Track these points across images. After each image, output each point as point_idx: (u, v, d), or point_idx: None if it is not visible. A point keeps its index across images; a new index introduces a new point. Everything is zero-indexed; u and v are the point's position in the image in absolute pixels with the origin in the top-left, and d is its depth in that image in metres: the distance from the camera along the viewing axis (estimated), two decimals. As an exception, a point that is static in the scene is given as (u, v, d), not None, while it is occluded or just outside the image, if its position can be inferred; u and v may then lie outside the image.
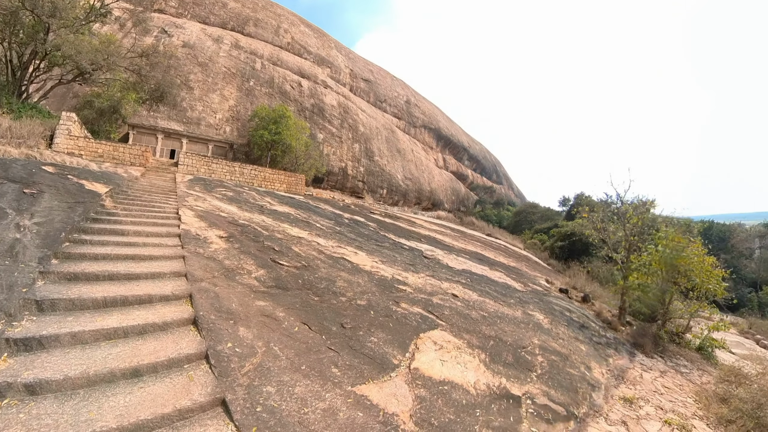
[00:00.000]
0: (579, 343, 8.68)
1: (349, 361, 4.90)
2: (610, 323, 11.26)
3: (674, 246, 10.44)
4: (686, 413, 6.73)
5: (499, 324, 7.85)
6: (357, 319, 6.08)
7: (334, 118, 35.58)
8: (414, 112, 53.50)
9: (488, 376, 5.66)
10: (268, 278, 6.63)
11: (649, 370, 8.57)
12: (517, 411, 5.15)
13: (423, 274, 9.66)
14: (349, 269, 8.31)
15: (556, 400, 5.77)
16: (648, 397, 7.05)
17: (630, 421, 6.01)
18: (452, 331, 6.67)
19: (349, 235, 11.86)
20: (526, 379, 6.01)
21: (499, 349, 6.66)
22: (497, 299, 9.59)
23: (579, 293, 14.53)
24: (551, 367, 6.78)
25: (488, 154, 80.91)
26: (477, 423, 4.54)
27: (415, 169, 46.24)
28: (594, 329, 10.22)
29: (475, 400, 4.97)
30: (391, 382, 4.75)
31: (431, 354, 5.69)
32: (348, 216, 16.15)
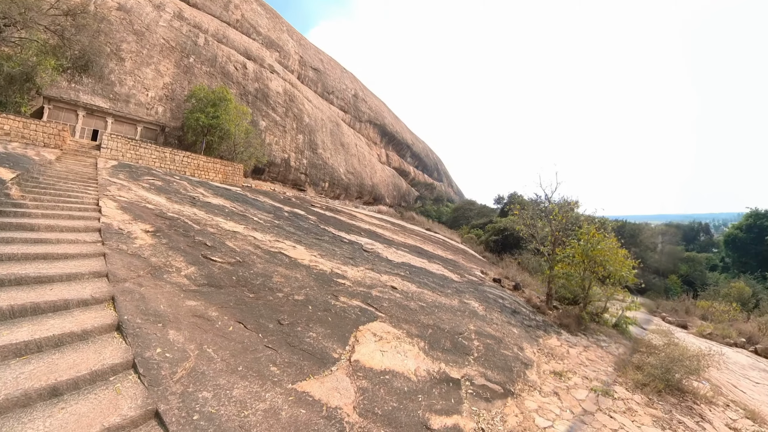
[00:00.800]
0: (512, 326, 9.21)
1: (288, 358, 4.78)
2: (539, 308, 12.13)
3: (593, 240, 11.72)
4: (608, 380, 7.56)
5: (437, 313, 8.08)
6: (295, 314, 5.93)
7: (278, 106, 33.69)
8: (361, 107, 52.98)
9: (428, 363, 5.82)
10: (199, 276, 6.24)
11: (575, 346, 9.36)
12: (457, 393, 5.36)
13: (362, 268, 9.66)
14: (286, 264, 8.07)
15: (493, 379, 6.11)
16: (575, 370, 7.74)
17: (561, 391, 6.57)
18: (392, 322, 6.75)
19: (288, 229, 11.52)
20: (464, 363, 6.27)
21: (437, 337, 6.86)
22: (435, 290, 9.86)
23: (511, 282, 15.43)
24: (487, 350, 7.13)
25: (430, 153, 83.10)
26: (420, 408, 4.67)
27: (358, 163, 45.91)
28: (525, 314, 10.90)
29: (416, 387, 5.10)
30: (333, 376, 4.71)
31: (371, 345, 5.73)
32: (288, 209, 15.69)
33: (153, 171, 15.53)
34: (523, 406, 5.71)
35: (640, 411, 6.55)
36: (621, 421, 6.06)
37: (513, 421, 5.22)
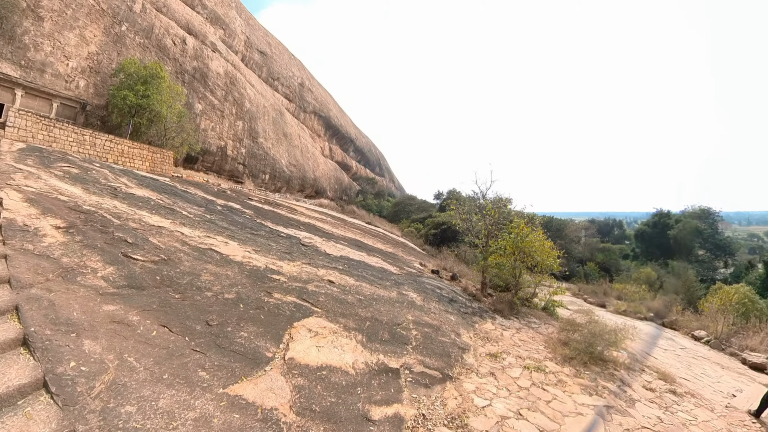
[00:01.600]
0: (449, 314, 9.54)
1: (218, 361, 4.54)
2: (475, 296, 12.76)
3: (522, 233, 12.80)
4: (540, 357, 8.20)
5: (375, 305, 8.13)
6: (225, 314, 5.64)
7: (218, 89, 30.30)
8: (306, 97, 50.63)
9: (366, 355, 5.85)
10: (118, 277, 5.71)
11: (508, 329, 9.98)
12: (396, 382, 5.45)
13: (299, 262, 9.43)
14: (217, 261, 7.65)
15: (431, 366, 6.29)
16: (509, 350, 8.26)
17: (497, 371, 6.99)
18: (328, 317, 6.67)
19: (221, 224, 10.93)
20: (402, 353, 6.39)
21: (375, 329, 6.91)
22: (374, 282, 9.91)
23: (448, 273, 15.99)
24: (425, 338, 7.32)
25: (373, 148, 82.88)
26: (359, 401, 4.69)
27: (301, 155, 43.97)
28: (461, 302, 11.35)
29: (355, 380, 5.10)
30: (267, 376, 4.57)
31: (307, 342, 5.62)
32: (222, 202, 14.87)
33: (69, 157, 13.85)
34: (462, 389, 5.96)
35: (570, 382, 7.17)
36: (553, 392, 6.59)
37: (452, 403, 5.43)
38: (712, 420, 6.99)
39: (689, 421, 6.70)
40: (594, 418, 5.95)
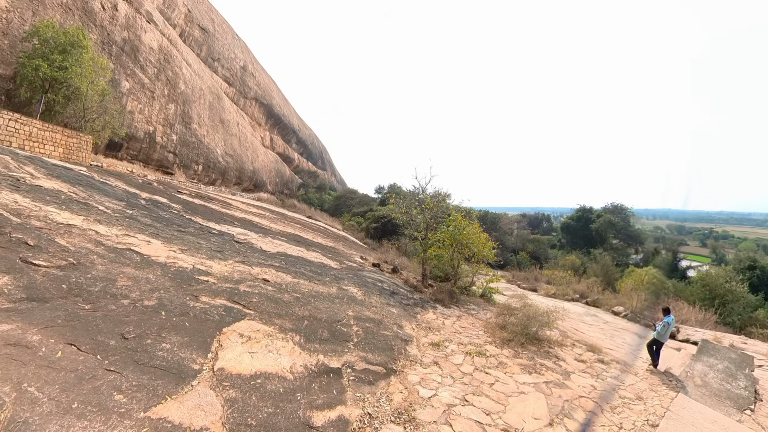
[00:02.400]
0: (391, 307, 9.52)
1: (137, 380, 4.04)
2: (416, 287, 12.91)
3: (459, 226, 13.29)
4: (480, 342, 8.49)
5: (314, 303, 7.85)
6: (143, 324, 5.05)
7: (149, 65, 26.27)
8: (248, 82, 46.83)
9: (305, 357, 5.60)
10: (15, 288, 4.88)
11: (449, 317, 10.21)
12: (339, 382, 5.28)
13: (231, 261, 8.84)
14: (136, 263, 6.90)
15: (374, 361, 6.19)
16: (451, 338, 8.44)
17: (441, 360, 7.07)
18: (262, 319, 6.29)
19: (144, 220, 9.94)
20: (343, 351, 6.22)
21: (314, 328, 6.66)
22: (312, 279, 9.61)
23: (389, 266, 16.05)
24: (367, 334, 7.21)
25: (316, 140, 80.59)
26: (300, 407, 4.46)
27: (239, 145, 40.54)
28: (403, 294, 11.40)
29: (293, 385, 4.85)
30: (194, 392, 4.15)
31: (238, 349, 5.22)
32: (146, 196, 13.53)
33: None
34: (407, 381, 5.94)
35: (510, 363, 7.50)
36: (496, 375, 6.83)
37: (398, 398, 5.38)
38: (637, 382, 7.89)
39: (618, 386, 7.47)
40: (536, 394, 6.28)
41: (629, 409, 6.55)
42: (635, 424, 6.05)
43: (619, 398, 6.94)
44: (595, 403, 6.49)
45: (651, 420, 6.28)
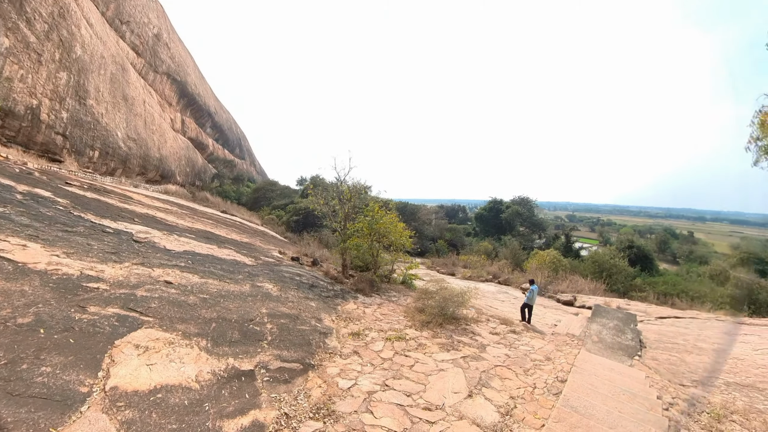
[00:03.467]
0: (309, 301, 9.23)
1: (13, 415, 3.28)
2: (337, 278, 12.73)
3: (377, 216, 13.49)
4: (400, 327, 8.61)
5: (224, 303, 7.27)
6: (17, 347, 4.17)
7: (38, 19, 20.26)
8: (161, 53, 39.51)
9: (213, 363, 5.12)
10: None
11: (370, 306, 10.25)
12: (252, 385, 4.94)
13: (128, 264, 7.81)
14: (8, 273, 5.74)
15: (290, 359, 5.92)
16: (371, 326, 8.44)
17: (361, 349, 7.02)
18: (162, 326, 5.60)
19: (19, 220, 8.34)
20: (256, 351, 5.84)
21: (223, 330, 6.13)
22: (223, 278, 8.91)
23: (309, 259, 15.61)
24: (282, 331, 6.86)
25: (234, 126, 73.26)
26: (208, 418, 4.06)
27: (145, 128, 33.62)
28: (323, 286, 11.13)
29: (201, 395, 4.39)
30: (84, 419, 3.51)
31: (134, 362, 4.57)
32: (24, 189, 11.36)
33: None
34: (326, 375, 5.78)
35: (429, 343, 7.70)
36: (415, 356, 6.94)
37: (317, 393, 5.20)
38: (545, 346, 8.88)
39: (529, 351, 8.30)
40: (455, 370, 6.50)
41: (540, 370, 7.23)
42: (546, 381, 6.66)
43: (531, 362, 7.61)
44: (509, 369, 6.96)
45: (560, 376, 6.98)
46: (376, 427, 4.61)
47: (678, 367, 8.80)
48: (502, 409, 5.47)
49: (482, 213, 60.19)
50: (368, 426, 4.62)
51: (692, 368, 8.74)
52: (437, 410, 5.20)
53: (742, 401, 6.96)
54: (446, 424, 4.88)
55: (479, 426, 4.95)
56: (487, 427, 4.95)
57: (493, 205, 58.92)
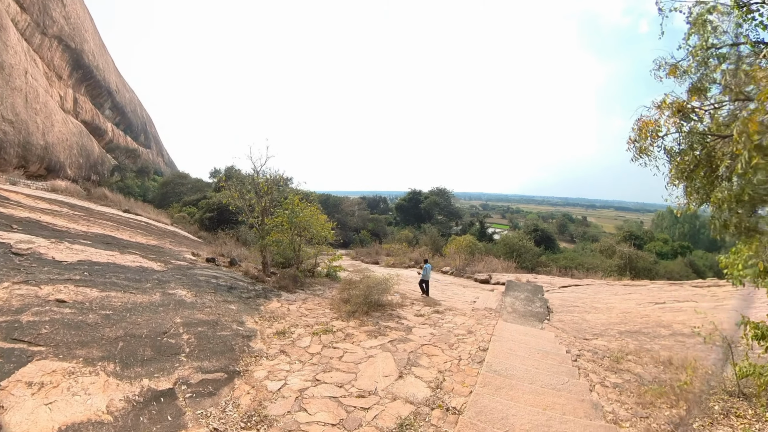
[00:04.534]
0: (229, 304, 8.70)
1: None
2: (258, 277, 12.17)
3: (297, 208, 13.05)
4: (327, 320, 8.54)
5: (131, 317, 6.50)
6: None
7: None
8: (53, 10, 31.03)
9: (125, 388, 4.55)
10: None
11: (294, 303, 9.98)
12: (173, 405, 4.53)
13: (8, 283, 6.54)
14: None
15: (213, 369, 5.53)
16: (297, 323, 8.23)
17: (287, 347, 6.81)
18: (58, 355, 4.76)
19: None
20: (174, 366, 5.34)
21: (132, 348, 5.48)
22: (128, 288, 7.98)
23: (226, 259, 14.69)
24: (201, 340, 6.37)
25: (140, 108, 63.09)
26: (125, 454, 3.57)
27: (26, 106, 25.95)
28: (243, 287, 10.55)
29: (116, 427, 3.91)
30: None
31: (29, 404, 3.80)
32: None
33: None
34: (253, 379, 5.50)
35: (357, 332, 7.75)
36: (344, 347, 6.92)
37: (246, 400, 4.91)
38: (467, 321, 9.46)
39: (452, 327, 8.78)
40: (384, 355, 6.62)
41: (464, 343, 7.71)
42: (470, 352, 7.12)
43: (455, 337, 8.08)
44: (436, 346, 7.29)
45: (482, 346, 7.52)
46: (312, 424, 4.49)
47: (580, 325, 10.18)
48: (432, 384, 5.69)
49: (402, 203, 63.14)
50: (303, 424, 4.48)
51: (592, 324, 10.26)
52: (371, 396, 5.23)
53: (634, 344, 8.42)
54: (381, 407, 4.94)
55: (412, 403, 5.09)
56: (419, 403, 5.11)
57: (412, 195, 61.91)
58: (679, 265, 31.54)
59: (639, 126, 5.34)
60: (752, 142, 3.42)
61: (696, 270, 31.34)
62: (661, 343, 8.55)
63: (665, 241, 46.79)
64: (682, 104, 5.09)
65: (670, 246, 44.80)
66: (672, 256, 39.04)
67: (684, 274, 27.19)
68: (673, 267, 30.25)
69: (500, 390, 5.43)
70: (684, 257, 37.02)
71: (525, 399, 5.24)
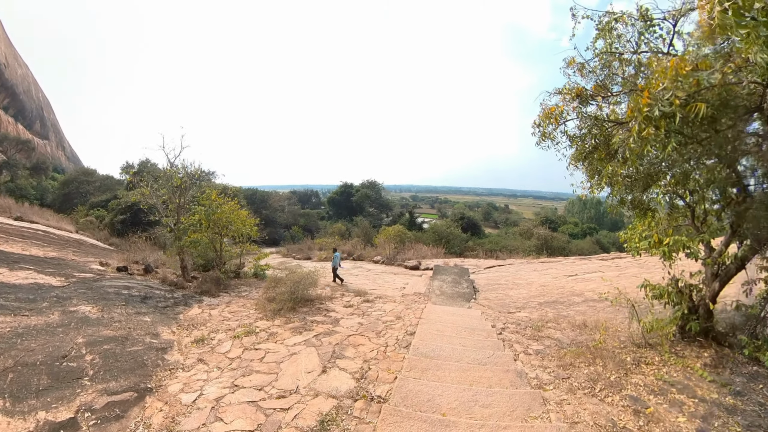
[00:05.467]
0: (142, 316, 7.94)
1: None
2: (177, 284, 11.34)
3: (214, 204, 12.16)
4: (250, 321, 8.12)
5: (23, 343, 5.65)
6: None
7: None
8: None
9: (18, 425, 3.94)
10: None
11: (217, 307, 9.39)
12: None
13: None
14: None
15: (121, 389, 4.98)
16: (219, 328, 7.72)
17: (206, 355, 6.35)
18: None
19: None
20: (75, 392, 4.72)
21: (25, 379, 4.75)
22: (19, 311, 6.94)
23: (141, 266, 13.42)
24: (107, 359, 5.71)
25: (35, 88, 53.36)
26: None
27: None
28: (160, 296, 9.73)
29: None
30: None
31: None
32: None
33: None
34: (167, 395, 5.03)
35: (281, 331, 7.42)
36: (266, 347, 6.59)
37: (158, 419, 4.47)
38: (396, 307, 9.58)
39: (381, 315, 8.79)
40: (307, 350, 6.40)
41: (392, 329, 7.72)
42: (398, 338, 7.14)
43: (383, 324, 8.10)
44: (363, 336, 7.23)
45: (409, 330, 7.60)
46: (228, 434, 4.19)
47: (504, 301, 10.89)
48: (356, 375, 5.59)
49: (334, 197, 63.27)
50: (219, 436, 4.17)
51: (515, 299, 11.03)
52: (292, 395, 5.01)
53: (552, 313, 9.21)
54: (302, 406, 4.74)
55: (335, 397, 4.95)
56: (342, 396, 4.98)
57: (344, 189, 62.28)
58: (587, 243, 37.62)
59: (545, 113, 5.73)
60: (642, 114, 3.73)
61: (602, 246, 36.78)
62: (576, 309, 9.49)
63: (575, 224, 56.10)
64: (580, 89, 5.51)
65: (579, 228, 53.83)
66: (582, 236, 46.52)
67: (592, 250, 31.48)
68: (583, 245, 35.86)
69: (426, 372, 5.47)
70: (592, 237, 44.88)
71: (452, 377, 5.33)
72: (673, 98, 3.52)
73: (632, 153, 4.13)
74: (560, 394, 5.02)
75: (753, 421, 4.23)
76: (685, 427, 4.17)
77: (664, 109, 3.55)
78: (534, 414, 4.49)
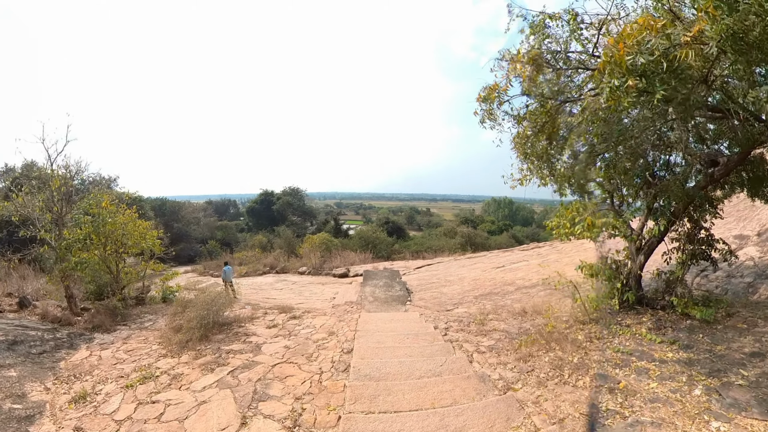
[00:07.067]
0: (6, 370, 6.11)
1: None
2: (61, 319, 9.12)
3: (104, 213, 9.85)
4: (151, 361, 6.57)
5: None
6: None
7: None
8: None
9: None
10: None
11: (110, 345, 7.60)
12: None
13: None
14: None
15: None
16: (109, 375, 6.10)
17: (87, 418, 4.84)
18: None
19: None
20: None
21: None
22: None
23: (14, 300, 10.89)
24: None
25: None
26: None
27: None
28: (36, 338, 7.74)
29: None
30: None
31: None
32: None
33: None
34: None
35: (188, 370, 6.05)
36: (167, 397, 5.20)
37: None
38: (327, 321, 8.44)
39: (311, 332, 7.60)
40: (221, 394, 5.15)
41: (325, 349, 6.61)
42: (333, 360, 6.10)
43: (314, 344, 6.87)
44: (291, 363, 6.08)
45: (346, 347, 6.61)
46: None
47: (440, 299, 10.70)
48: (287, 422, 4.44)
49: (254, 206, 60.34)
50: None
51: (450, 296, 10.92)
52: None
53: (490, 305, 9.19)
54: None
55: (259, 464, 3.83)
56: (269, 460, 3.88)
57: (264, 197, 59.37)
58: (505, 238, 41.94)
59: (488, 91, 5.55)
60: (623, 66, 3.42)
61: (517, 240, 41.17)
62: (512, 298, 9.60)
63: (492, 222, 62.74)
64: (537, 53, 5.25)
65: (496, 225, 60.12)
66: (499, 232, 51.93)
67: (510, 244, 34.30)
68: (501, 240, 39.88)
69: (375, 400, 4.58)
70: (508, 232, 50.43)
71: (408, 401, 4.52)
72: (653, 48, 3.38)
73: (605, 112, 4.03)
74: (532, 390, 4.64)
75: (712, 366, 4.50)
76: (660, 391, 4.16)
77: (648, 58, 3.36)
78: (515, 423, 3.98)
